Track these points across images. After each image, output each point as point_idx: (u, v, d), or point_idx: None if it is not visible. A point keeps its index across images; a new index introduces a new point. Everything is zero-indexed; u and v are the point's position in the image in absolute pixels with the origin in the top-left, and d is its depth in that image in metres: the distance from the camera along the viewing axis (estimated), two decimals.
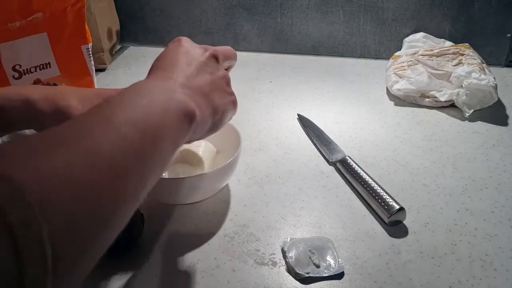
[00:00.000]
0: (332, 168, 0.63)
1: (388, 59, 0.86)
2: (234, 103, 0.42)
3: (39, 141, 0.25)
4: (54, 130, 0.26)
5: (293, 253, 0.48)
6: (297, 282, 0.45)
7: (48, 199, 0.21)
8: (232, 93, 0.42)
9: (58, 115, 0.46)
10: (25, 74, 0.55)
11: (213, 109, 0.38)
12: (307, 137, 0.70)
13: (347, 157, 0.61)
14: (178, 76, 0.36)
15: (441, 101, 0.75)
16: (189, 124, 0.34)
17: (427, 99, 0.76)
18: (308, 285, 0.45)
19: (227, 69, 0.44)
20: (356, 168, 0.59)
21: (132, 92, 0.32)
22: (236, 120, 0.47)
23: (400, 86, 0.77)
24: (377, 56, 0.97)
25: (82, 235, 0.23)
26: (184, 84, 0.36)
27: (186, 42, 0.41)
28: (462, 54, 0.79)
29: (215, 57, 0.41)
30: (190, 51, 0.40)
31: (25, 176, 0.21)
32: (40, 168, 0.22)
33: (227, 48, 0.44)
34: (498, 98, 0.75)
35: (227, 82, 0.42)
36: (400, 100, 0.79)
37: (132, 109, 0.30)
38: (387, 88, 0.82)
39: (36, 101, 0.46)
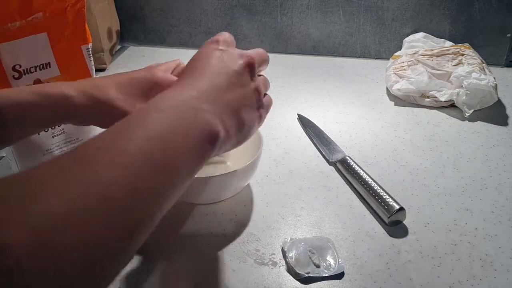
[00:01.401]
0: (332, 168, 0.63)
1: (388, 59, 0.86)
2: (260, 118, 0.41)
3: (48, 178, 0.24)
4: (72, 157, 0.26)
5: (293, 253, 0.48)
6: (297, 282, 0.45)
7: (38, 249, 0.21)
8: (260, 107, 0.41)
9: (98, 107, 0.45)
10: (25, 74, 0.55)
11: (239, 127, 0.37)
12: (307, 137, 0.70)
13: (347, 157, 0.61)
14: (207, 89, 0.35)
15: (441, 101, 0.75)
16: (212, 145, 0.33)
17: (427, 99, 0.76)
18: (308, 285, 0.45)
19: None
20: (356, 168, 0.59)
21: (157, 108, 0.32)
22: None
23: (400, 86, 0.77)
24: (377, 56, 0.97)
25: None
26: (212, 100, 0.34)
27: (223, 44, 0.39)
28: (462, 54, 0.79)
29: (250, 66, 0.39)
30: (224, 58, 0.38)
31: (14, 235, 0.20)
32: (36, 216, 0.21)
33: (261, 53, 0.43)
34: (498, 98, 0.75)
35: (259, 94, 0.40)
36: (400, 100, 0.79)
37: (156, 126, 0.29)
38: (387, 88, 0.82)
39: (73, 97, 0.44)
